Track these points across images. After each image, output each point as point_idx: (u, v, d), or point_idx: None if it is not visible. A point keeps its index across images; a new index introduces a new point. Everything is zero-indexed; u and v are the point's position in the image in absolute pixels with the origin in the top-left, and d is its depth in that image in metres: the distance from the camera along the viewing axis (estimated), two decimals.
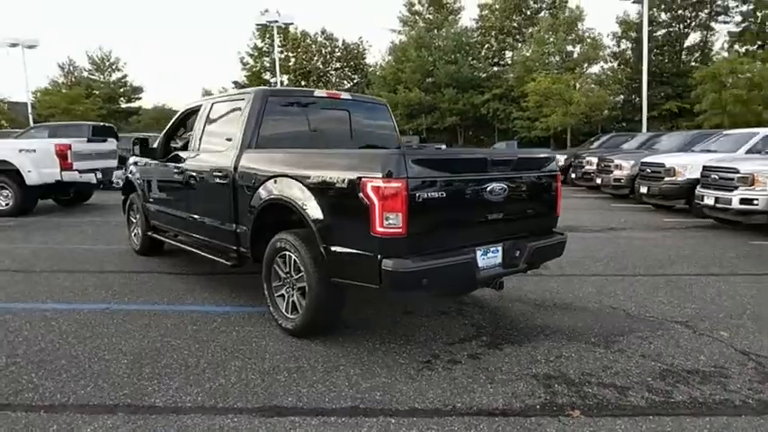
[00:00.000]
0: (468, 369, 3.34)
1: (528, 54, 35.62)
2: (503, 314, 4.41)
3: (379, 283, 3.13)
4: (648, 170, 10.98)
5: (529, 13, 40.05)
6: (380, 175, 3.04)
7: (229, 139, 4.50)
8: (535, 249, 3.80)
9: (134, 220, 6.62)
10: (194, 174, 4.92)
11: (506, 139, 34.53)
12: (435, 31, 41.19)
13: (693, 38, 35.40)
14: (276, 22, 32.83)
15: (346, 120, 4.94)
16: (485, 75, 38.60)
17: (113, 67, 45.83)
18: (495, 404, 2.91)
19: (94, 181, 11.07)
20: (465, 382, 3.17)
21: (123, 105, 46.48)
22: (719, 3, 32.87)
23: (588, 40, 35.45)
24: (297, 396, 2.97)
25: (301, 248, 3.59)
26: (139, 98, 47.72)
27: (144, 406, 2.85)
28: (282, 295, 3.90)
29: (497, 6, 39.99)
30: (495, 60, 41.48)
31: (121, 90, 46.48)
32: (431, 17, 43.50)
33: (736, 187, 8.06)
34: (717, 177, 8.49)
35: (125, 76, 46.19)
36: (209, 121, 4.98)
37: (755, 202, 7.86)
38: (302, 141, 4.59)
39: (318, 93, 4.89)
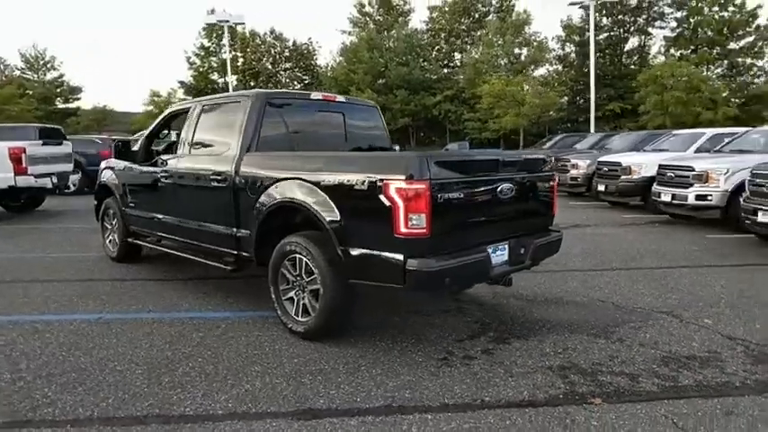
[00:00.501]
0: (485, 364, 3.46)
1: (477, 56, 36.51)
2: (502, 310, 4.56)
3: (403, 283, 3.19)
4: (605, 169, 11.52)
5: (477, 16, 41.06)
6: (404, 177, 3.11)
7: (226, 142, 4.43)
8: (538, 246, 3.97)
9: (109, 227, 6.38)
10: (186, 177, 4.81)
11: (458, 140, 35.26)
12: (386, 32, 41.52)
13: (632, 42, 37.40)
14: (227, 21, 32.16)
15: (341, 122, 4.97)
16: (435, 77, 39.26)
17: (48, 66, 43.51)
18: (521, 396, 3.03)
19: (50, 186, 10.54)
20: (486, 376, 3.28)
21: (60, 106, 44.18)
22: (656, 9, 34.85)
23: (534, 44, 36.75)
24: (328, 398, 2.99)
25: (314, 251, 3.60)
26: (78, 98, 45.50)
27: (174, 415, 2.80)
28: (291, 298, 3.89)
29: (446, 9, 40.75)
30: (446, 62, 42.26)
31: (58, 90, 44.17)
32: (381, 19, 43.83)
33: (692, 184, 8.61)
34: (673, 175, 9.03)
35: (61, 76, 43.97)
36: (200, 123, 4.88)
37: (709, 198, 8.43)
38: (300, 144, 4.58)
39: (315, 95, 4.89)
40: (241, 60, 47.14)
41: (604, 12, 35.11)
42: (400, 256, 3.15)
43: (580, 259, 6.52)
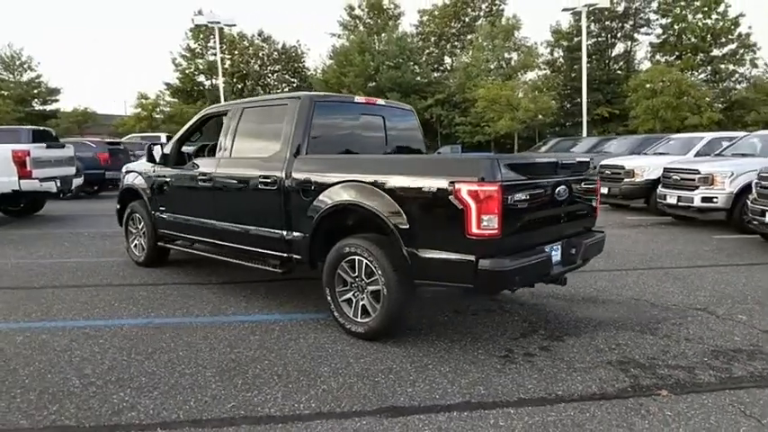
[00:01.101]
0: (547, 360, 3.55)
1: (468, 60, 36.85)
2: (544, 309, 4.67)
3: (474, 283, 3.27)
4: (608, 172, 11.75)
5: (467, 20, 41.44)
6: (476, 179, 3.20)
7: (274, 145, 4.47)
8: (588, 246, 4.09)
9: (134, 231, 6.34)
10: (229, 181, 4.83)
11: (450, 144, 35.56)
12: (376, 36, 41.67)
13: (619, 47, 38.10)
14: (218, 23, 31.96)
15: (381, 125, 5.04)
16: (426, 80, 39.47)
17: (25, 66, 42.59)
18: (591, 389, 3.13)
19: (54, 190, 10.41)
20: (551, 372, 3.37)
21: (38, 107, 43.31)
22: (642, 16, 35.59)
23: (524, 49, 37.22)
24: (407, 396, 3.05)
25: (377, 253, 3.66)
26: (56, 100, 44.59)
27: (263, 416, 2.84)
28: (349, 300, 3.94)
29: (437, 13, 41.07)
30: (436, 66, 42.55)
31: (35, 91, 43.24)
32: (371, 22, 43.98)
33: (697, 187, 8.86)
34: (678, 178, 9.27)
35: (39, 77, 42.97)
36: (241, 126, 4.90)
37: (715, 200, 8.68)
38: (346, 146, 4.65)
39: (358, 99, 4.96)
40: (228, 62, 46.90)
41: (592, 18, 35.75)
42: (472, 257, 3.24)
43: (602, 260, 6.62)
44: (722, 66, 32.28)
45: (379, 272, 3.65)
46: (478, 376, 3.31)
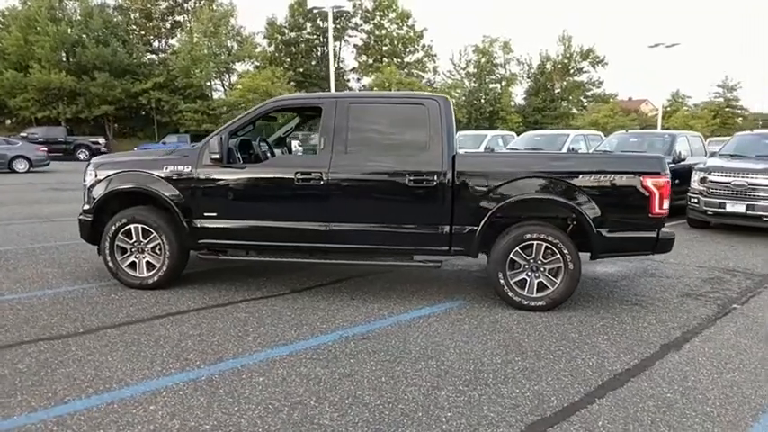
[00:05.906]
0: (657, 303, 4.99)
1: (186, 43, 34.76)
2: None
3: (654, 249, 4.50)
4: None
5: (179, 0, 38.71)
6: (656, 172, 4.41)
7: (420, 142, 4.65)
8: None
9: (128, 247, 5.01)
10: (357, 179, 4.70)
11: (174, 133, 33.11)
12: (58, 3, 34.89)
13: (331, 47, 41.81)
14: None
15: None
16: (137, 60, 35.39)
17: None
18: (708, 312, 4.73)
19: None
20: (673, 305, 4.88)
21: None
22: (350, 19, 40.01)
23: (239, 38, 37.28)
24: (655, 337, 4.10)
25: (561, 236, 4.48)
26: None
27: (621, 372, 3.47)
28: (523, 279, 4.59)
29: None
30: (147, 48, 38.46)
31: None
32: None
33: None
34: None
35: None
36: (353, 123, 4.72)
37: None
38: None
39: (449, 99, 5.36)
40: None
41: (309, 17, 38.29)
42: (655, 230, 4.45)
43: None
44: (414, 71, 39.44)
45: (565, 251, 4.48)
46: (653, 318, 4.54)
